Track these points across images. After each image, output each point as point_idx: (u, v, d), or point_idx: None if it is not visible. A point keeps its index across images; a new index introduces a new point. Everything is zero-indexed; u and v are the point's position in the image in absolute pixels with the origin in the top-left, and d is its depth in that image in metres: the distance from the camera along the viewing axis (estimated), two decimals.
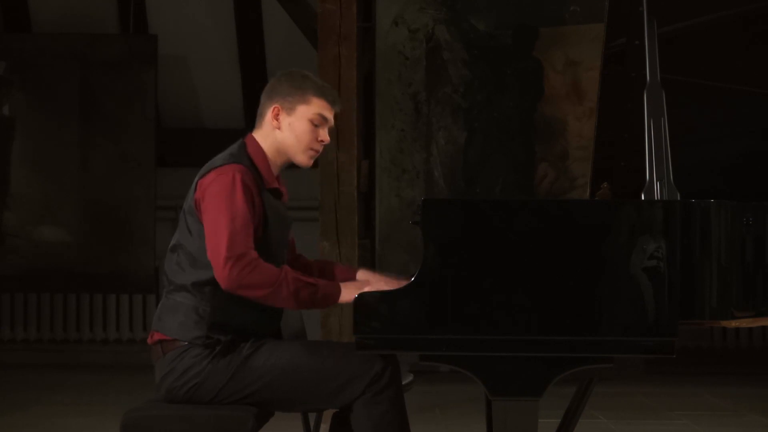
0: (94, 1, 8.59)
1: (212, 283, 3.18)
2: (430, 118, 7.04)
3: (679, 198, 3.20)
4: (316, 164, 5.51)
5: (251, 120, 3.42)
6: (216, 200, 3.15)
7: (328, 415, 3.39)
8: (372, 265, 6.78)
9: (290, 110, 3.31)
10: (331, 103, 3.34)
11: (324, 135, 3.34)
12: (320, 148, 3.36)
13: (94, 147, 8.30)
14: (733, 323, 3.16)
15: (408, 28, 7.06)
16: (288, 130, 3.31)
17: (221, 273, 3.09)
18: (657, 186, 3.21)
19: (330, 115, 3.34)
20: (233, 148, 3.32)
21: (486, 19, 7.06)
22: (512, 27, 7.05)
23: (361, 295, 3.03)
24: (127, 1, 8.50)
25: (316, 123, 3.31)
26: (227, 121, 8.74)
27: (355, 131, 5.80)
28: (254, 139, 3.34)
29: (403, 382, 3.39)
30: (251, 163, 3.27)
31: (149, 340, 3.29)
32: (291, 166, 3.41)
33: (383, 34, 7.04)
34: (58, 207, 8.31)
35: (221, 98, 8.77)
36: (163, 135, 8.60)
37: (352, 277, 3.44)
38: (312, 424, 3.76)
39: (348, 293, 3.14)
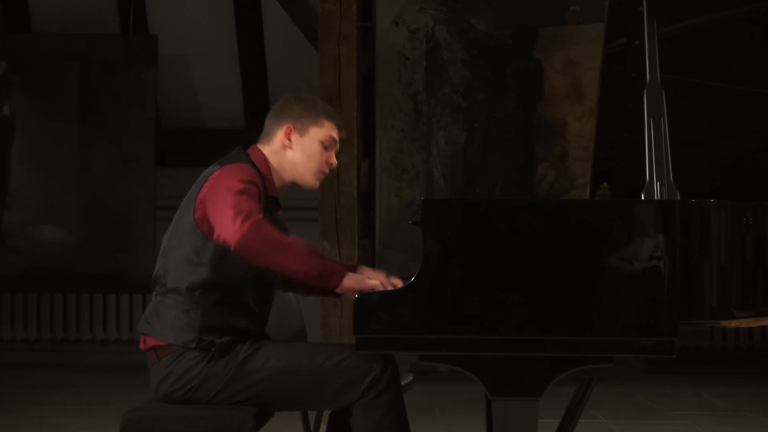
0: (94, 1, 8.59)
1: (203, 286, 3.18)
2: (430, 118, 7.04)
3: (679, 198, 3.20)
4: None
5: (251, 120, 3.44)
6: (222, 184, 3.15)
7: (328, 414, 3.39)
8: (372, 265, 6.77)
9: (303, 131, 3.34)
10: (339, 127, 3.41)
11: (333, 158, 3.39)
12: (327, 171, 3.41)
13: (94, 147, 8.30)
14: (733, 323, 3.17)
15: (408, 28, 7.06)
16: (300, 150, 3.34)
17: (232, 227, 3.03)
18: (657, 186, 3.21)
19: (338, 139, 3.40)
20: (233, 153, 3.34)
21: (486, 19, 7.06)
22: (512, 27, 7.05)
23: (361, 295, 3.03)
24: (127, 1, 8.50)
25: (326, 145, 3.36)
26: (227, 121, 8.74)
27: (355, 131, 5.80)
28: (259, 151, 3.36)
29: (403, 382, 3.39)
30: (255, 168, 3.28)
31: (142, 346, 3.27)
32: None
33: (383, 34, 7.04)
34: (58, 207, 8.31)
35: (221, 98, 8.77)
36: (163, 135, 8.60)
37: (352, 271, 3.45)
38: (312, 424, 3.76)
39: (351, 279, 3.13)
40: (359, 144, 6.23)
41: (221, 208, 3.11)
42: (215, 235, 3.14)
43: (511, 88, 7.05)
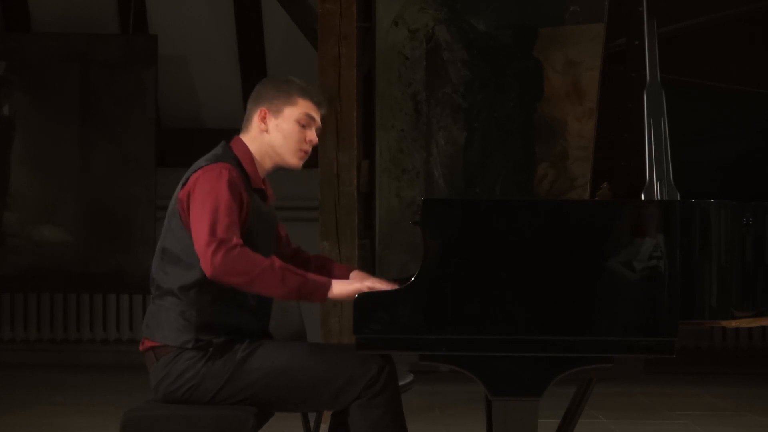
0: (94, 1, 8.59)
1: (197, 285, 3.17)
2: (430, 118, 7.04)
3: (679, 198, 3.20)
4: (315, 164, 5.53)
5: None
6: (201, 193, 3.15)
7: (327, 415, 3.39)
8: (372, 265, 6.78)
9: (277, 112, 3.32)
10: (317, 103, 3.35)
11: (312, 135, 3.34)
12: (309, 149, 3.36)
13: (94, 147, 8.30)
14: (733, 323, 3.16)
15: (408, 28, 7.06)
16: (276, 131, 3.32)
17: (204, 258, 3.06)
18: (657, 186, 3.21)
19: (317, 116, 3.35)
20: (217, 149, 3.34)
21: (486, 19, 7.05)
22: (512, 27, 7.04)
23: (361, 295, 3.03)
24: (127, 1, 8.50)
25: (303, 123, 3.32)
26: (227, 121, 8.72)
27: (355, 131, 5.80)
28: (241, 141, 3.35)
29: (403, 382, 3.39)
30: (237, 163, 3.27)
31: (141, 347, 3.28)
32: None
33: (383, 34, 7.04)
34: (58, 207, 8.31)
35: (221, 98, 8.77)
36: (163, 135, 8.60)
37: (345, 276, 3.44)
38: (312, 424, 3.76)
39: (339, 288, 3.12)
40: (359, 144, 6.23)
41: (198, 227, 3.11)
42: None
43: (511, 88, 7.05)
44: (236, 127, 3.48)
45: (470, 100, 7.06)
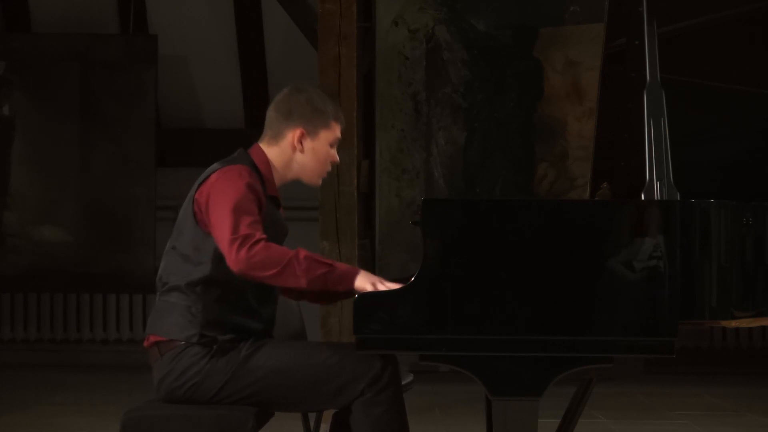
0: (94, 1, 8.59)
1: (204, 282, 3.19)
2: (430, 118, 7.05)
3: (678, 198, 3.20)
4: None
5: (251, 120, 3.45)
6: (221, 192, 3.17)
7: (328, 415, 3.39)
8: (372, 265, 6.78)
9: (314, 135, 3.33)
10: (342, 124, 3.41)
11: (336, 156, 3.40)
12: (330, 168, 3.41)
13: (94, 147, 8.30)
14: (733, 323, 3.17)
15: (408, 28, 7.07)
16: (311, 153, 3.34)
17: (230, 255, 3.07)
18: (657, 186, 3.21)
19: (340, 135, 3.41)
20: (234, 155, 3.35)
21: (486, 19, 7.06)
22: (512, 27, 7.05)
23: (361, 295, 3.03)
24: (127, 1, 8.50)
25: (332, 144, 3.37)
26: (227, 121, 8.74)
27: (355, 131, 5.80)
28: (260, 149, 3.35)
29: (403, 382, 3.39)
30: (254, 168, 3.28)
31: (145, 343, 3.28)
32: None
33: (383, 34, 7.05)
34: (58, 207, 8.31)
35: (221, 98, 8.77)
36: (163, 135, 8.60)
37: None
38: (312, 424, 3.76)
39: (363, 280, 3.10)
40: (359, 144, 6.24)
41: (220, 226, 3.12)
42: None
43: (511, 88, 7.06)
44: (236, 127, 3.49)
45: (470, 100, 7.07)
